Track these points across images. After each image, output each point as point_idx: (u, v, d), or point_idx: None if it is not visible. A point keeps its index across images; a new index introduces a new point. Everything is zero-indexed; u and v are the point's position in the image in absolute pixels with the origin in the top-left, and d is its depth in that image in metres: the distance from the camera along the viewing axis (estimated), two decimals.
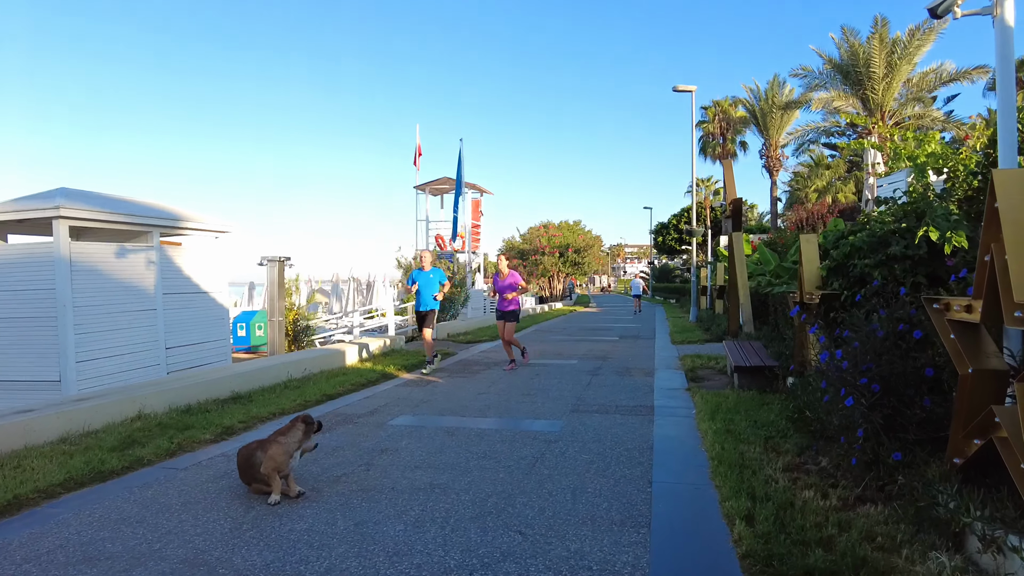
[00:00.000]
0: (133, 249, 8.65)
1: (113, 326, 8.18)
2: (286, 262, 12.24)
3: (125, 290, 8.43)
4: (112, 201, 8.59)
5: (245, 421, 6.80)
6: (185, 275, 9.49)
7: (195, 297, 9.67)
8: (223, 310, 10.31)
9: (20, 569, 3.41)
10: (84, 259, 7.92)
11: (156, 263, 8.92)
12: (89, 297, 7.88)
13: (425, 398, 8.15)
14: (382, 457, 5.44)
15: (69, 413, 6.09)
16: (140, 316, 8.63)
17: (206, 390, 7.69)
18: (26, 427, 5.69)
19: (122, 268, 8.41)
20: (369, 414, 7.23)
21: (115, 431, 6.15)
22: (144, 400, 6.84)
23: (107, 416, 6.41)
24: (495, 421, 6.79)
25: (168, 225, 9.15)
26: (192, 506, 4.32)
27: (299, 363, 9.64)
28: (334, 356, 10.71)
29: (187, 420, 6.68)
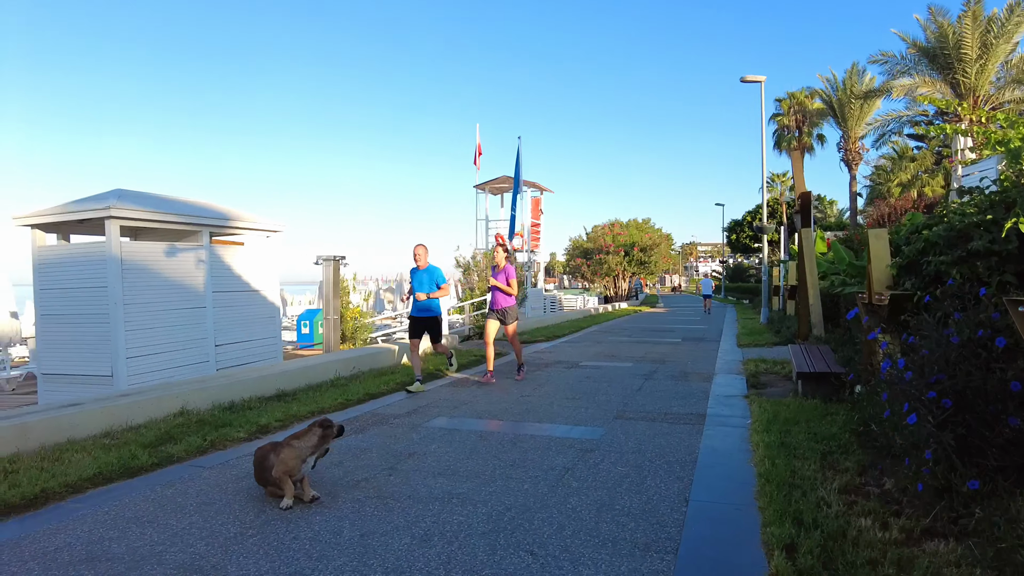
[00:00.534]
0: (183, 248, 8.88)
1: (163, 323, 8.41)
2: (340, 261, 12.34)
3: (175, 288, 8.65)
4: (163, 201, 8.84)
5: (282, 420, 6.77)
6: (235, 274, 9.67)
7: (245, 295, 9.84)
8: (274, 308, 10.47)
9: (24, 567, 3.38)
10: (135, 258, 8.17)
11: (206, 262, 9.11)
12: (139, 295, 8.12)
13: (467, 399, 7.94)
14: (408, 462, 5.24)
15: (113, 408, 6.22)
16: (190, 313, 8.84)
17: (251, 387, 7.74)
18: (71, 421, 5.82)
19: (172, 267, 8.63)
20: (407, 415, 7.08)
21: (155, 427, 6.23)
22: (187, 396, 6.93)
23: (150, 412, 6.51)
24: (533, 426, 6.48)
25: (218, 225, 9.35)
26: (206, 507, 4.24)
27: (348, 361, 9.64)
28: (385, 354, 10.68)
29: (226, 418, 6.71)
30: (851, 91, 33.93)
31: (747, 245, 60.41)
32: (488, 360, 9.25)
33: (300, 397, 7.97)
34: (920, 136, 28.70)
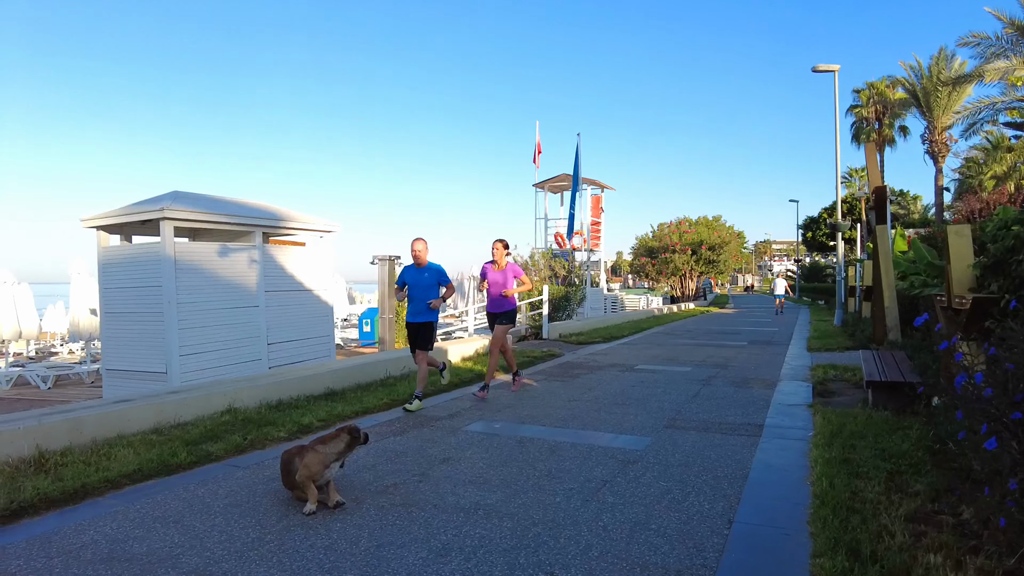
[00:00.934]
0: (236, 248, 9.09)
1: (216, 322, 8.62)
2: (396, 260, 12.39)
3: (228, 287, 8.86)
4: (215, 202, 9.07)
5: (325, 419, 6.76)
6: (288, 273, 9.84)
7: (298, 295, 10.00)
8: (327, 307, 10.59)
9: (48, 563, 3.41)
10: (188, 258, 8.41)
11: (259, 262, 9.30)
12: (192, 294, 8.35)
13: (511, 403, 7.74)
14: (441, 468, 5.08)
15: (162, 405, 6.36)
16: (242, 312, 9.04)
17: (301, 386, 7.80)
18: (122, 416, 5.97)
19: (225, 266, 8.84)
20: (449, 417, 6.94)
21: (201, 424, 6.32)
22: (236, 394, 7.03)
23: (198, 409, 6.63)
24: (575, 433, 6.21)
25: (271, 225, 9.53)
26: (232, 509, 4.20)
27: (400, 360, 9.62)
28: (436, 354, 10.59)
29: (270, 416, 6.76)
30: (937, 78, 31.72)
31: (823, 243, 57.55)
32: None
33: (347, 396, 7.97)
34: (1018, 124, 26.45)
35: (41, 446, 5.32)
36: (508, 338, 8.56)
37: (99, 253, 8.96)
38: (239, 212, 9.02)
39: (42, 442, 5.34)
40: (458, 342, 12.31)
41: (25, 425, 5.33)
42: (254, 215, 9.19)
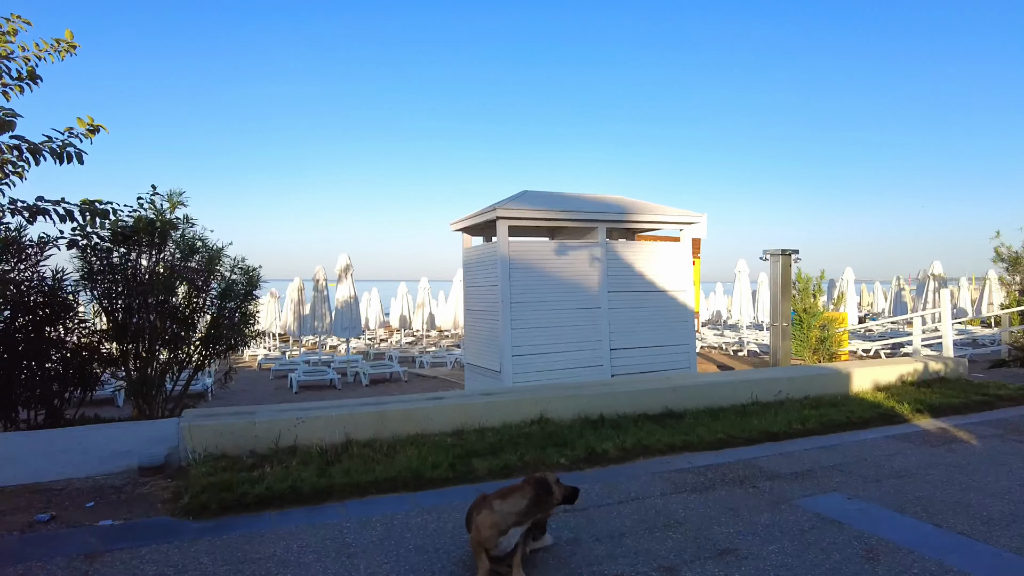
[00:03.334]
0: (575, 246, 8.45)
1: (550, 322, 8.15)
2: (792, 255, 10.04)
3: (566, 287, 8.30)
4: (552, 199, 8.62)
5: (628, 450, 5.55)
6: (636, 271, 8.74)
7: (649, 296, 8.81)
8: (686, 311, 9.09)
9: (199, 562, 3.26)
10: (523, 256, 8.12)
11: (601, 259, 8.47)
12: (527, 293, 8.04)
13: (906, 468, 5.07)
14: (707, 565, 3.37)
15: (470, 406, 6.17)
16: (581, 314, 8.36)
17: (632, 401, 6.75)
18: (425, 415, 5.98)
19: (563, 265, 8.29)
20: (791, 477, 4.89)
21: (499, 434, 5.89)
22: (552, 403, 6.42)
23: (506, 415, 6.25)
24: (1002, 555, 3.50)
25: (614, 219, 8.57)
26: (406, 555, 3.47)
27: (777, 381, 7.63)
28: (833, 378, 8.13)
29: (572, 435, 5.90)
30: None
31: None
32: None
33: (685, 421, 6.55)
34: None
35: (351, 435, 5.69)
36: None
37: (463, 254, 9.63)
38: (577, 207, 8.41)
39: (352, 431, 5.70)
40: (852, 364, 9.28)
41: (338, 413, 5.73)
42: (596, 209, 8.45)
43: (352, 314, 14.23)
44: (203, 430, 5.45)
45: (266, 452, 5.45)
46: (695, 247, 12.89)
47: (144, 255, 7.29)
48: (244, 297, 7.82)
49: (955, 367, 9.22)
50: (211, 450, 5.41)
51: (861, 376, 8.31)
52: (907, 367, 8.82)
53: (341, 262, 14.45)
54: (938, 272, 16.44)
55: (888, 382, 8.51)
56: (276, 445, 5.53)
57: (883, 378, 8.51)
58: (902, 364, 8.92)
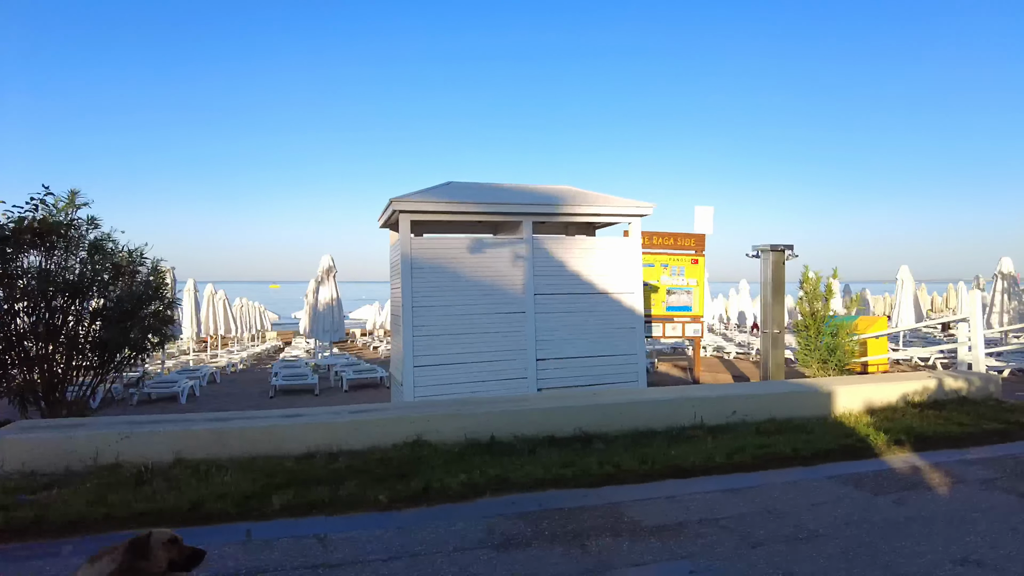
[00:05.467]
0: (493, 243, 7.34)
1: (462, 329, 7.10)
2: (787, 251, 8.58)
3: (482, 289, 7.22)
4: (468, 189, 7.52)
5: (479, 485, 4.59)
6: (571, 271, 7.55)
7: (587, 299, 7.60)
8: (632, 316, 7.81)
9: None
10: (428, 255, 7.08)
11: (526, 257, 7.34)
12: (431, 296, 7.03)
13: (817, 526, 3.84)
14: None
15: (333, 426, 5.39)
16: (500, 320, 7.26)
17: (541, 421, 5.76)
18: (276, 434, 5.25)
19: (479, 264, 7.21)
20: (648, 532, 3.79)
21: (361, 458, 5.10)
22: (431, 424, 5.51)
23: (379, 436, 5.43)
24: None
25: (542, 212, 7.38)
26: None
27: (732, 400, 6.41)
28: (811, 397, 6.80)
29: (435, 462, 5.00)
30: None
31: None
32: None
33: (593, 446, 5.51)
34: None
35: (182, 454, 5.01)
36: None
37: (389, 254, 8.66)
38: (495, 199, 7.31)
39: (185, 450, 5.03)
40: (834, 381, 7.79)
41: (171, 429, 5.08)
42: (518, 201, 7.33)
43: (334, 317, 13.75)
44: (17, 445, 4.95)
45: (82, 470, 4.89)
46: (700, 244, 11.56)
47: (36, 255, 6.91)
48: (144, 300, 7.32)
49: (983, 385, 7.56)
50: (28, 466, 4.91)
51: (849, 395, 6.90)
52: (914, 384, 7.30)
53: (324, 264, 14.01)
54: (1008, 270, 14.09)
55: (885, 403, 7.04)
56: (95, 462, 4.95)
57: (880, 398, 7.05)
58: (909, 381, 7.39)
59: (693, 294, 11.34)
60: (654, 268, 11.21)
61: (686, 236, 11.25)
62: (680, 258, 11.27)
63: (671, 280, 11.26)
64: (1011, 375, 12.50)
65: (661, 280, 11.23)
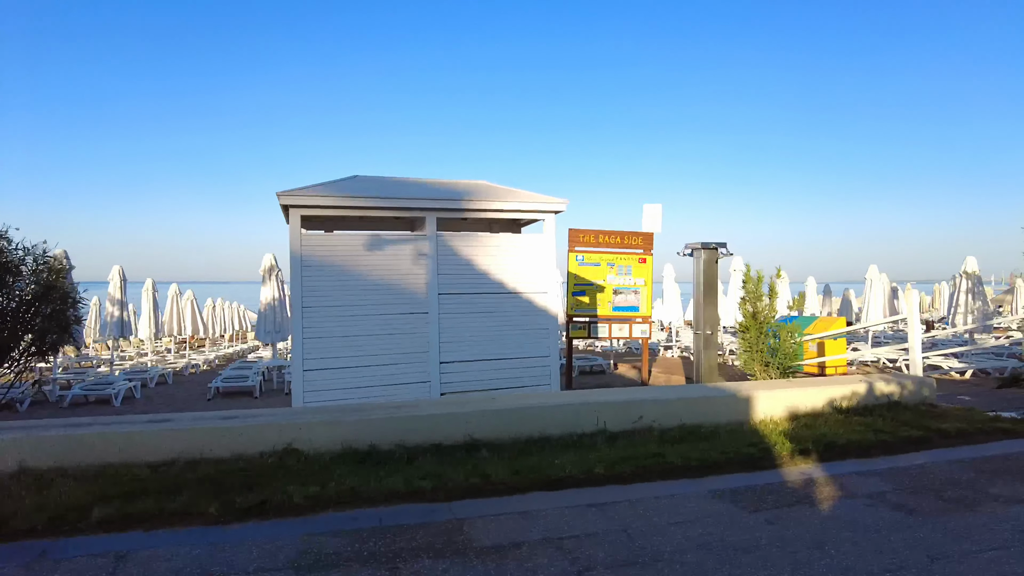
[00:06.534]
0: (394, 240, 7.00)
1: (358, 331, 6.76)
2: (719, 250, 8.24)
3: (380, 289, 6.88)
4: (369, 183, 7.18)
5: (322, 499, 4.28)
6: (479, 270, 7.22)
7: (496, 299, 7.26)
8: (546, 317, 7.46)
9: None
10: (320, 252, 6.75)
11: (429, 255, 7.01)
12: (323, 296, 6.70)
13: (663, 549, 3.52)
14: None
15: (199, 432, 5.06)
16: (401, 321, 6.93)
17: (429, 427, 5.44)
18: (137, 441, 4.93)
19: (377, 262, 6.86)
20: (483, 553, 3.47)
21: (221, 467, 4.79)
22: (305, 431, 5.20)
23: (247, 443, 5.10)
24: None
25: (447, 207, 7.03)
26: None
27: (639, 405, 6.07)
28: (727, 402, 6.46)
29: (303, 472, 4.70)
30: None
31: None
32: None
33: (480, 454, 5.19)
34: None
35: (27, 463, 4.70)
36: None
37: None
38: (394, 193, 6.95)
39: (31, 459, 4.71)
40: (756, 385, 7.47)
41: (9, 436, 4.76)
42: (421, 195, 6.97)
43: (277, 317, 13.41)
44: None
45: None
46: (648, 243, 11.23)
47: None
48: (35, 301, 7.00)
49: (916, 389, 7.23)
50: None
51: (772, 400, 6.57)
52: (842, 389, 6.96)
53: (265, 263, 13.68)
54: (972, 269, 13.70)
55: (810, 408, 6.71)
56: None
57: (805, 403, 6.72)
58: (838, 385, 7.06)
59: (641, 294, 11.01)
60: (600, 267, 10.90)
61: (633, 235, 10.92)
62: (627, 257, 10.95)
63: (618, 280, 10.94)
64: (973, 376, 12.15)
65: (608, 280, 10.92)
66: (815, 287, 22.02)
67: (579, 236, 10.82)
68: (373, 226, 8.05)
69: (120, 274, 14.02)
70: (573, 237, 10.81)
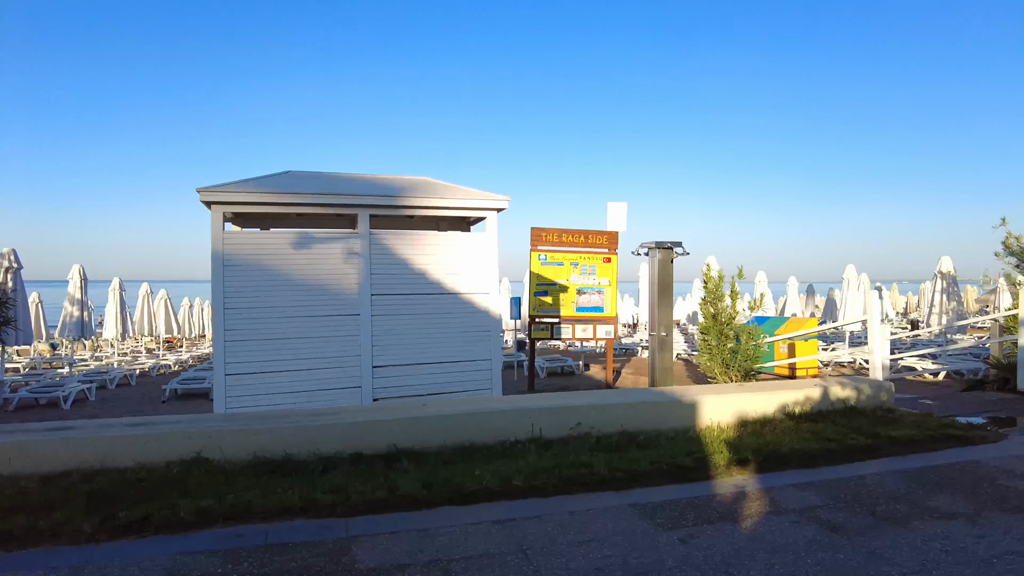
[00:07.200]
0: (323, 238, 6.73)
1: (285, 334, 6.49)
2: (675, 249, 7.99)
3: (308, 289, 6.61)
4: (298, 179, 6.89)
5: (215, 510, 4.01)
6: (416, 270, 6.93)
7: (434, 300, 6.99)
8: (488, 318, 7.19)
9: None
10: (244, 251, 6.47)
11: (362, 254, 6.73)
12: (247, 297, 6.43)
13: None
14: None
15: (102, 442, 4.78)
16: (331, 323, 6.65)
17: (349, 436, 5.17)
18: (29, 450, 4.65)
19: (305, 261, 6.58)
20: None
21: (117, 477, 4.52)
22: (214, 439, 4.93)
23: (153, 452, 4.83)
24: None
25: (381, 204, 6.75)
26: None
27: (577, 411, 5.82)
28: (672, 408, 6.21)
29: (205, 484, 4.43)
30: None
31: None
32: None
33: (400, 465, 4.93)
34: None
35: None
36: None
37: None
38: (322, 188, 6.64)
39: None
40: (707, 390, 7.24)
41: None
42: (352, 191, 6.67)
43: None
44: None
45: None
46: (613, 242, 10.98)
47: None
48: None
49: (873, 393, 6.99)
50: None
51: (720, 406, 6.32)
52: (795, 394, 6.72)
53: None
54: (947, 269, 13.46)
55: (760, 414, 6.47)
56: None
57: (755, 408, 6.47)
58: (791, 390, 6.82)
59: (605, 294, 10.76)
60: (564, 267, 10.64)
61: (598, 234, 10.67)
62: (591, 256, 10.70)
63: (582, 280, 10.68)
64: (947, 377, 11.93)
65: (571, 280, 10.67)
66: (796, 287, 21.80)
67: (541, 235, 10.57)
68: (312, 224, 7.77)
69: (80, 273, 13.72)
70: (535, 236, 10.56)
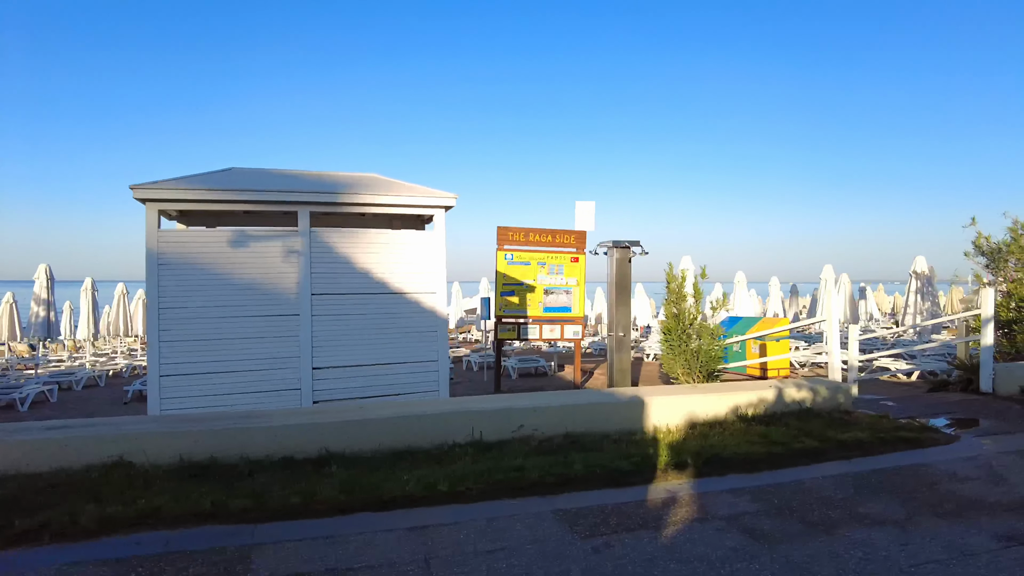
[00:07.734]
0: (261, 236, 6.58)
1: (221, 335, 6.35)
2: (632, 248, 7.86)
3: (246, 289, 6.47)
4: (238, 176, 6.73)
5: (120, 517, 3.87)
6: (359, 269, 6.79)
7: (378, 300, 6.84)
8: (434, 319, 7.04)
9: None
10: (179, 250, 6.31)
11: (302, 252, 6.59)
12: (182, 297, 6.28)
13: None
14: None
15: (15, 446, 4.63)
16: (269, 323, 6.51)
17: (284, 439, 5.02)
18: None
19: (243, 260, 6.44)
20: None
21: (44, 482, 4.37)
22: (138, 442, 4.78)
23: (72, 456, 4.69)
24: None
25: (322, 201, 6.61)
26: None
27: (520, 413, 5.68)
28: (619, 409, 6.09)
29: (122, 489, 4.28)
30: None
31: None
32: None
33: (330, 471, 4.78)
34: None
35: None
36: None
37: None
38: (260, 185, 6.49)
39: None
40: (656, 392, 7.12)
41: None
42: (291, 188, 6.51)
43: None
44: None
45: None
46: (580, 242, 10.85)
47: None
48: None
49: (830, 395, 6.88)
50: None
51: (670, 407, 6.20)
52: (749, 396, 6.61)
53: None
54: (922, 269, 13.36)
55: (712, 416, 6.35)
56: None
57: (707, 410, 6.35)
58: (745, 391, 6.70)
59: (573, 294, 10.63)
60: (531, 267, 10.51)
61: (565, 233, 10.54)
62: (559, 256, 10.56)
63: (549, 279, 10.55)
64: (919, 378, 11.83)
65: (538, 279, 10.53)
66: (779, 287, 21.70)
67: (508, 234, 10.43)
68: (258, 222, 7.62)
69: (47, 273, 13.54)
70: (502, 235, 10.42)
